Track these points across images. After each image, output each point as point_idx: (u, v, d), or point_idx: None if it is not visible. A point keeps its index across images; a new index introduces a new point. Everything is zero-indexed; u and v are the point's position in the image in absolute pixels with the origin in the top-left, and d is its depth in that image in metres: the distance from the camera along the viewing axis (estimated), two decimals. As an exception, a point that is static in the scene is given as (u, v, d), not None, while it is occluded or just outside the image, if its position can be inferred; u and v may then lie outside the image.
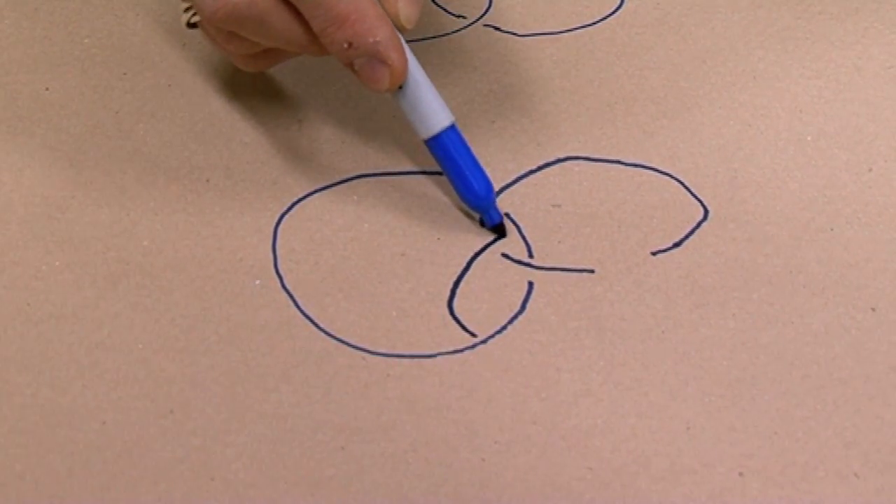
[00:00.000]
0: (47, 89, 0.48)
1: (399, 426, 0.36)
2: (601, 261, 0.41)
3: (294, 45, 0.41)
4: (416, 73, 0.41)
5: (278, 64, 0.45)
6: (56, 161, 0.45)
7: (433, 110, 0.41)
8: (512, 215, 0.43)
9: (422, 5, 0.41)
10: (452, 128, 0.41)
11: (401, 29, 0.40)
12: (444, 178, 0.44)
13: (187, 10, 0.43)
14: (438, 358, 0.38)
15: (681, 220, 0.42)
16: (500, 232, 0.42)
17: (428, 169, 0.44)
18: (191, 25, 0.43)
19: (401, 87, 0.40)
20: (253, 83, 0.48)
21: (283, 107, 0.47)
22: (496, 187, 0.43)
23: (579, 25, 0.51)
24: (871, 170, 0.44)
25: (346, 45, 0.39)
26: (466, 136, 0.42)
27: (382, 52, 0.39)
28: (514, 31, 0.51)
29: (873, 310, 0.39)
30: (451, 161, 0.41)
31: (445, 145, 0.41)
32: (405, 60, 0.40)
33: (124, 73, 0.49)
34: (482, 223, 0.42)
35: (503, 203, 0.43)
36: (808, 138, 0.46)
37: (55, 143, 0.45)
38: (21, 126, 0.46)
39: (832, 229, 0.42)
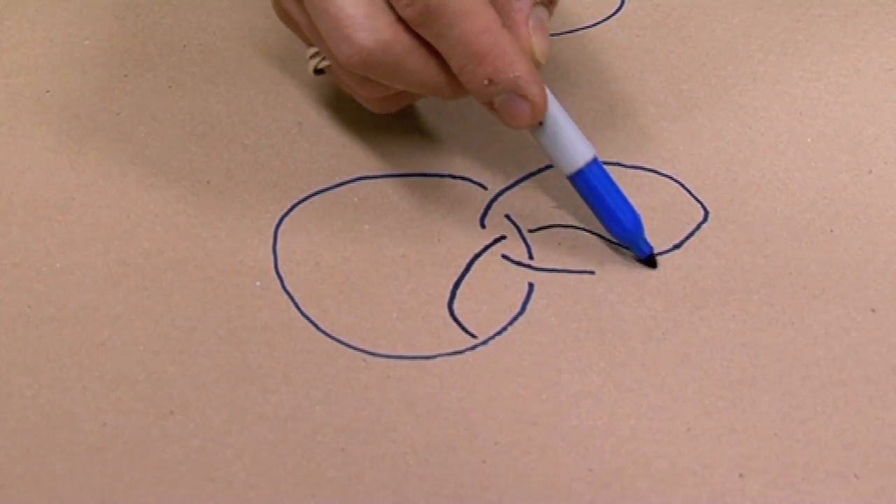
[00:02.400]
0: (48, 91, 0.48)
1: (399, 427, 0.36)
2: (601, 262, 0.41)
3: (429, 87, 0.39)
4: (555, 107, 0.40)
5: (410, 104, 0.44)
6: (56, 163, 0.45)
7: (575, 145, 0.40)
8: (512, 217, 0.43)
9: (550, 40, 0.40)
10: (595, 161, 0.40)
11: (535, 65, 0.39)
12: (444, 180, 0.44)
13: (314, 56, 0.43)
14: (438, 359, 0.38)
15: (681, 221, 0.42)
16: (651, 264, 0.40)
17: (428, 171, 0.44)
18: (318, 72, 0.43)
19: (540, 123, 0.39)
20: (253, 85, 0.48)
21: (283, 109, 0.47)
22: (496, 189, 0.43)
23: (579, 27, 0.51)
24: (870, 171, 0.44)
25: (486, 82, 0.38)
26: (466, 139, 0.42)
27: (523, 86, 0.38)
28: (515, 33, 0.51)
29: (873, 311, 0.39)
30: (596, 195, 0.40)
31: (590, 180, 0.40)
32: (545, 95, 0.39)
33: (125, 75, 0.49)
34: (635, 255, 0.41)
35: (504, 204, 0.43)
36: (808, 140, 0.46)
37: (56, 145, 0.45)
38: (21, 128, 0.46)
39: (832, 231, 0.42)
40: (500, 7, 0.39)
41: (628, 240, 0.41)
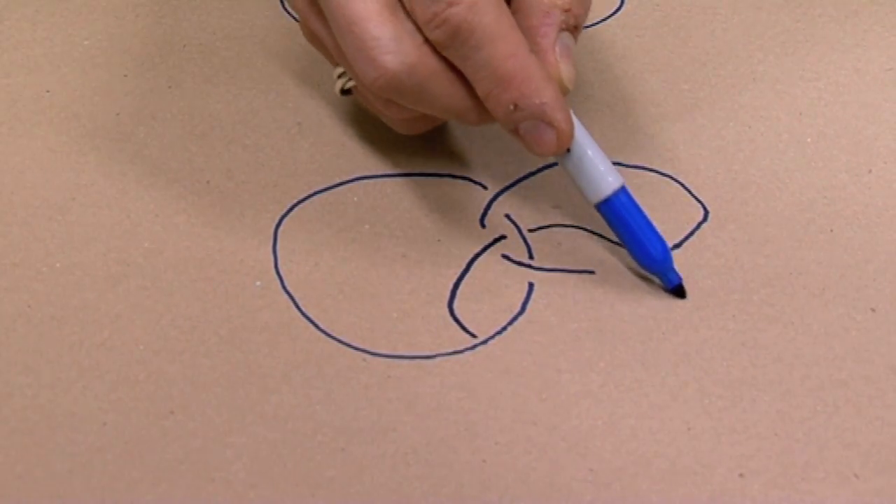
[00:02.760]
0: (48, 91, 0.48)
1: (399, 427, 0.36)
2: (602, 262, 0.41)
3: (454, 111, 0.39)
4: (581, 135, 0.39)
5: (437, 125, 0.44)
6: (56, 163, 0.45)
7: (602, 173, 0.39)
8: (512, 216, 0.43)
9: (576, 66, 0.40)
10: (623, 190, 0.39)
11: (563, 91, 0.39)
12: (444, 180, 0.44)
13: (341, 76, 0.42)
14: (439, 359, 0.38)
15: (681, 221, 0.42)
16: (680, 294, 0.40)
17: (428, 170, 0.44)
18: (344, 92, 0.42)
19: (567, 151, 0.39)
20: (253, 85, 0.48)
21: (283, 109, 0.47)
22: (496, 189, 0.43)
23: (579, 27, 0.51)
24: (870, 171, 0.44)
25: (511, 108, 0.37)
26: (466, 139, 0.42)
27: (549, 113, 0.37)
28: (515, 33, 0.51)
29: (873, 310, 0.39)
30: (624, 225, 0.39)
31: (617, 209, 0.39)
32: (571, 123, 0.38)
33: (125, 76, 0.49)
34: (663, 283, 0.40)
35: (504, 204, 0.43)
36: (808, 140, 0.46)
37: (56, 145, 0.45)
38: (21, 128, 0.46)
39: (832, 230, 0.42)
40: (527, 33, 0.38)
41: (656, 270, 0.40)
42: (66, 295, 0.40)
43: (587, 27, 0.51)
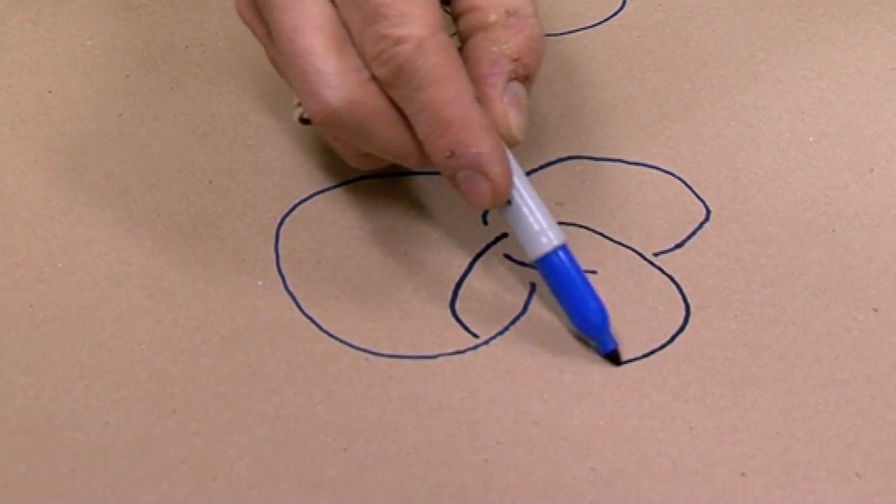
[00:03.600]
0: (50, 92, 0.48)
1: (401, 427, 0.36)
2: (603, 261, 0.41)
3: (395, 152, 0.38)
4: (523, 189, 0.38)
5: (387, 166, 0.42)
6: (59, 163, 0.45)
7: (538, 231, 0.37)
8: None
9: (527, 112, 0.39)
10: (562, 248, 0.38)
11: (511, 141, 0.38)
12: (445, 179, 0.44)
13: (299, 104, 0.42)
14: (441, 359, 0.38)
15: (683, 220, 0.42)
16: (615, 360, 0.38)
17: (430, 169, 0.44)
18: (304, 121, 0.42)
19: (509, 203, 0.38)
20: (254, 85, 0.48)
21: (285, 108, 0.47)
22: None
23: (580, 27, 0.51)
24: (872, 170, 0.44)
25: (448, 154, 0.36)
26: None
27: (485, 164, 0.36)
28: (516, 33, 0.51)
29: (875, 310, 0.39)
30: (560, 285, 0.38)
31: (554, 268, 0.38)
32: (508, 176, 0.37)
33: (127, 76, 0.49)
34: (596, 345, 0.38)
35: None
36: (810, 139, 0.46)
37: (58, 146, 0.45)
38: (24, 129, 0.46)
39: (834, 230, 0.42)
40: (476, 82, 0.37)
41: (591, 334, 0.38)
42: (68, 295, 0.40)
43: (589, 27, 0.51)
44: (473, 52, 0.38)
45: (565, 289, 0.38)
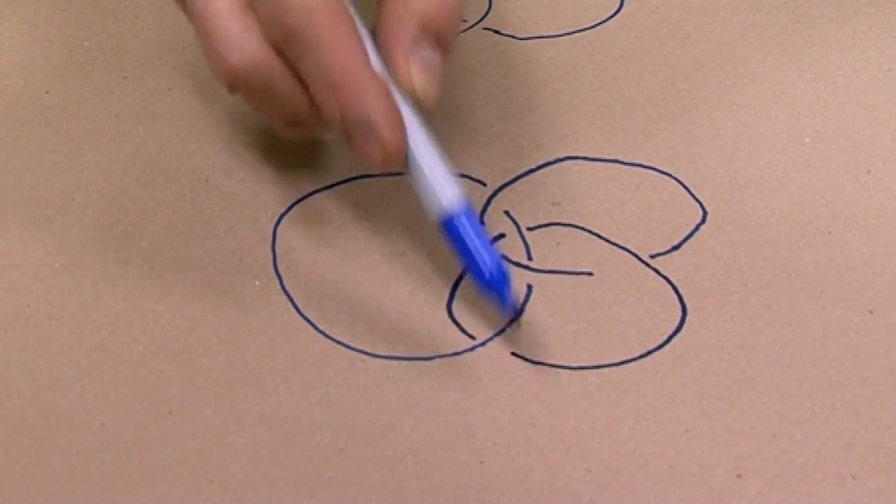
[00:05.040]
0: (47, 92, 0.48)
1: (398, 428, 0.36)
2: (600, 263, 0.41)
3: (297, 115, 0.39)
4: (423, 149, 0.38)
5: (319, 135, 0.43)
6: (56, 163, 0.45)
7: (439, 192, 0.38)
8: (511, 213, 0.43)
9: (440, 78, 0.38)
10: (463, 211, 0.38)
11: (421, 105, 0.38)
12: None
13: None
14: (437, 360, 0.38)
15: (680, 222, 0.42)
16: (515, 316, 0.38)
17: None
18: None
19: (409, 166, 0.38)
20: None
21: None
22: (495, 186, 0.43)
23: (578, 28, 0.51)
24: (869, 172, 0.44)
25: (339, 117, 0.37)
26: (466, 139, 0.42)
27: (375, 128, 0.36)
28: (514, 34, 0.51)
29: (871, 312, 0.39)
30: (459, 244, 0.38)
31: (453, 229, 0.38)
32: (400, 140, 0.37)
33: (124, 77, 0.49)
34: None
35: (502, 201, 0.43)
36: (807, 140, 0.46)
37: (55, 146, 0.45)
38: (21, 129, 0.46)
39: (830, 232, 0.42)
40: (384, 45, 0.38)
41: (487, 294, 0.38)
42: (65, 295, 0.40)
43: (587, 29, 0.51)
44: (383, 16, 0.38)
45: (465, 248, 0.38)
